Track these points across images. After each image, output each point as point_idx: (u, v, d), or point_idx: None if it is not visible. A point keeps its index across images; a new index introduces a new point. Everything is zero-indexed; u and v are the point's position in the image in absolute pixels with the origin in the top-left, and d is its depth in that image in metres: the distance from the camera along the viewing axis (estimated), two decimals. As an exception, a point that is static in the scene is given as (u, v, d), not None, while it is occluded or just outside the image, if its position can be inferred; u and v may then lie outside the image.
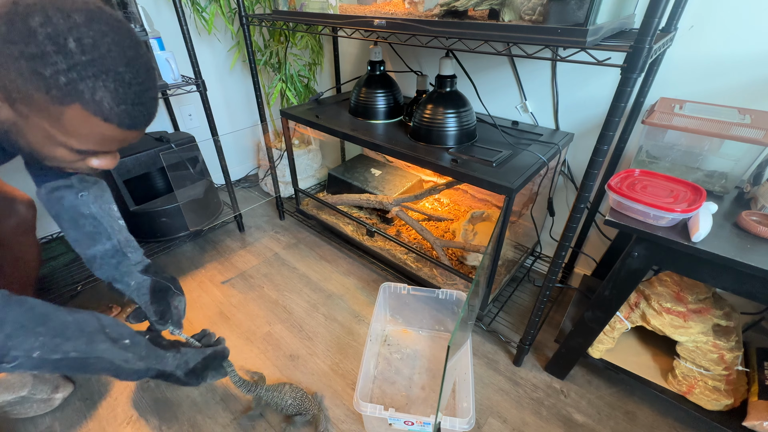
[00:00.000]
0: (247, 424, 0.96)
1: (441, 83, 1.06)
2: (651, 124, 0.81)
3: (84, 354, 0.65)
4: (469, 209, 1.54)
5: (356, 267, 1.51)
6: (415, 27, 0.86)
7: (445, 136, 1.06)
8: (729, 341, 0.84)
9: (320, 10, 1.14)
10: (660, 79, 0.97)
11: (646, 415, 0.99)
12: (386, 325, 1.23)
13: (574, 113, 1.15)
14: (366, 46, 1.59)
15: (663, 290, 0.91)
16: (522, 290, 1.39)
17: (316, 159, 1.91)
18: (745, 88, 0.87)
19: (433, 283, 1.26)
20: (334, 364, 1.13)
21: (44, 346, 0.61)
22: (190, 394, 1.05)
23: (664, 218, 0.71)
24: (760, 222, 0.70)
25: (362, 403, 0.83)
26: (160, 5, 1.52)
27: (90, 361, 0.66)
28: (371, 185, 1.55)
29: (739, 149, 0.77)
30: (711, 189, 0.83)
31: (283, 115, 1.42)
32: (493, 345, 1.19)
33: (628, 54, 0.60)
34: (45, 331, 0.61)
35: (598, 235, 1.27)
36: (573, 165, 1.22)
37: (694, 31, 0.89)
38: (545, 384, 1.07)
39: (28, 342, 0.59)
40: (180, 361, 0.81)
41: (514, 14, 0.78)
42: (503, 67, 1.22)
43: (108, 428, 0.97)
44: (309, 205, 1.70)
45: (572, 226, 0.81)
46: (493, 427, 0.97)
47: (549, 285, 0.92)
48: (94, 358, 0.67)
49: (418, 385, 1.06)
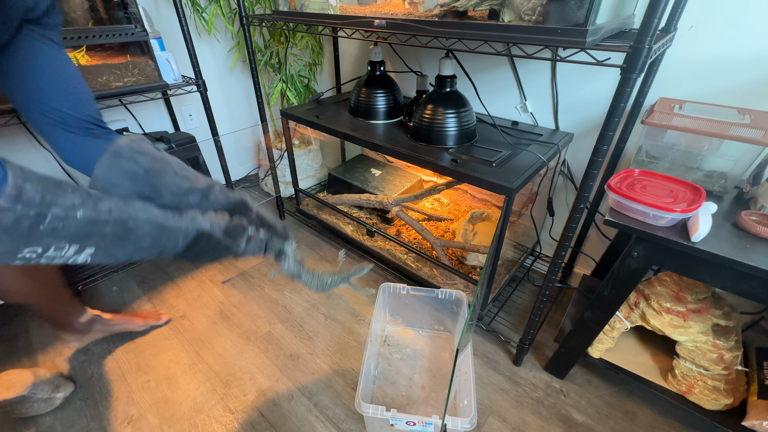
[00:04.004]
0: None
1: (441, 83, 1.06)
2: (650, 124, 0.81)
3: (126, 214, 0.56)
4: (469, 209, 1.54)
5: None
6: (415, 27, 0.86)
7: (445, 136, 1.07)
8: (728, 341, 0.84)
9: (320, 11, 1.14)
10: (660, 80, 0.97)
11: (645, 414, 0.99)
12: (386, 325, 1.23)
13: (574, 113, 1.15)
14: (366, 47, 1.59)
15: (662, 290, 0.91)
16: (522, 290, 1.39)
17: (316, 159, 1.91)
18: (744, 88, 0.88)
19: (433, 282, 1.26)
20: (334, 363, 1.13)
21: (85, 203, 0.52)
22: (190, 394, 1.05)
23: (664, 218, 0.71)
24: (760, 222, 0.70)
25: (364, 404, 0.83)
26: (160, 5, 1.52)
27: (132, 225, 0.57)
28: (371, 185, 1.55)
29: (739, 149, 0.77)
30: (710, 189, 0.83)
31: (283, 115, 1.42)
32: (492, 345, 1.19)
33: (628, 54, 0.61)
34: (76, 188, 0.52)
35: (598, 235, 1.27)
36: (573, 165, 1.22)
37: (693, 32, 0.89)
38: (545, 383, 1.07)
39: (66, 196, 0.50)
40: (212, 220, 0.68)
41: (513, 14, 0.78)
42: (503, 67, 1.22)
43: (108, 428, 0.97)
44: (309, 205, 1.70)
45: (572, 226, 0.81)
46: (493, 427, 0.97)
47: (549, 285, 0.93)
48: (137, 221, 0.57)
49: (418, 384, 1.06)
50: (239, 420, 0.99)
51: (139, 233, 0.58)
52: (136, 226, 0.57)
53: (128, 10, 1.15)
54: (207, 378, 1.09)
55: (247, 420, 0.99)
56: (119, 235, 0.55)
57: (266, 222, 0.77)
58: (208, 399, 1.04)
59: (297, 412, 1.01)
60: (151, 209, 0.60)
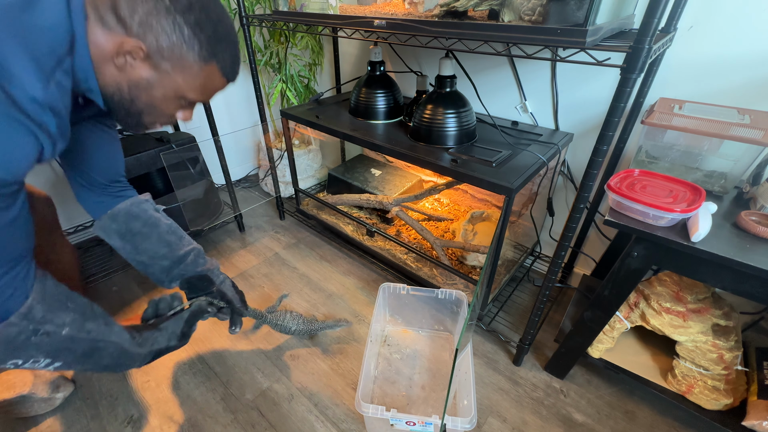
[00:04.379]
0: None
1: (441, 83, 1.06)
2: (650, 125, 0.81)
3: (100, 336, 0.66)
4: (469, 209, 1.54)
5: (356, 267, 1.51)
6: (414, 27, 0.86)
7: (445, 136, 1.07)
8: (728, 341, 0.84)
9: (320, 11, 1.14)
10: (659, 80, 0.97)
11: (645, 414, 0.99)
12: (386, 325, 1.23)
13: (574, 113, 1.15)
14: (366, 47, 1.59)
15: (662, 290, 0.91)
16: (522, 290, 1.39)
17: (316, 159, 1.91)
18: (744, 89, 0.88)
19: (433, 282, 1.26)
20: (334, 363, 1.13)
21: (74, 322, 0.62)
22: (190, 394, 1.05)
23: (664, 218, 0.71)
24: (760, 222, 0.70)
25: (364, 405, 0.83)
26: (160, 5, 1.52)
27: (101, 345, 0.66)
28: (371, 185, 1.55)
29: (739, 149, 0.77)
30: (710, 189, 0.83)
31: (283, 115, 1.42)
32: (492, 344, 1.19)
33: (628, 54, 0.61)
34: (74, 307, 0.63)
35: (598, 235, 1.27)
36: (573, 165, 1.22)
37: (693, 32, 0.89)
38: (545, 383, 1.07)
39: (61, 316, 0.60)
40: (168, 334, 0.81)
41: (513, 15, 0.78)
42: (503, 67, 1.22)
43: (108, 428, 0.97)
44: (309, 205, 1.70)
45: (572, 226, 0.81)
46: (493, 427, 0.97)
47: (549, 285, 0.93)
48: (107, 342, 0.67)
49: (418, 384, 1.06)
50: (239, 420, 0.99)
51: (103, 353, 0.67)
52: (104, 346, 0.67)
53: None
54: (207, 378, 1.09)
55: (247, 420, 0.99)
56: (87, 353, 0.65)
57: (226, 297, 0.91)
58: (208, 399, 1.04)
59: (297, 412, 1.01)
60: (123, 334, 0.71)
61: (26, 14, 0.47)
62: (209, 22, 0.55)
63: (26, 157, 0.48)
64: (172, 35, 0.53)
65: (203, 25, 0.55)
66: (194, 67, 0.57)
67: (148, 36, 0.53)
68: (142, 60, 0.55)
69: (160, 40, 0.53)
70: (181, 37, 0.54)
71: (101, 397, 1.04)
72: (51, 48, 0.49)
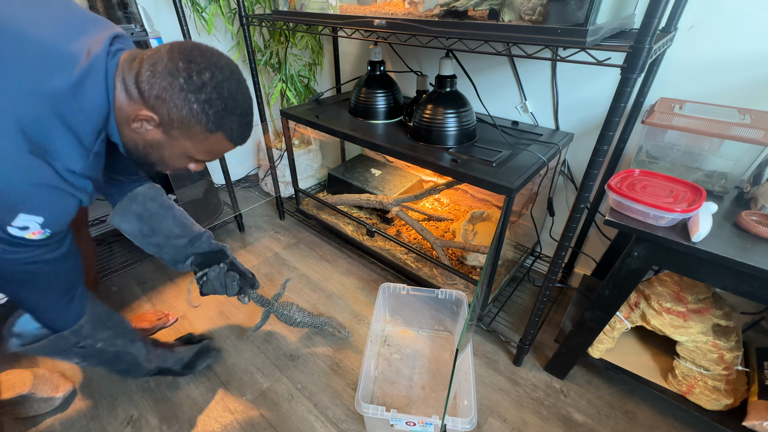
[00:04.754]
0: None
1: (441, 83, 1.06)
2: (651, 124, 0.81)
3: (123, 348, 0.83)
4: (469, 209, 1.54)
5: (356, 267, 1.51)
6: (415, 27, 0.86)
7: (445, 136, 1.07)
8: (729, 341, 0.84)
9: (320, 10, 1.14)
10: (660, 79, 0.97)
11: (645, 414, 0.99)
12: (386, 325, 1.23)
13: (574, 113, 1.15)
14: (366, 46, 1.59)
15: (663, 290, 0.91)
16: (522, 290, 1.39)
17: (316, 159, 1.91)
18: (745, 88, 0.87)
19: (433, 283, 1.26)
20: (334, 364, 1.13)
21: (108, 338, 0.79)
22: (190, 394, 1.05)
23: (664, 218, 0.71)
24: (760, 222, 0.70)
25: (364, 405, 0.83)
26: (160, 5, 1.52)
27: (122, 355, 0.84)
28: (371, 185, 1.55)
29: (739, 149, 0.77)
30: (711, 189, 0.83)
31: (283, 115, 1.42)
32: (493, 345, 1.19)
33: (628, 54, 0.60)
34: (111, 325, 0.80)
35: (598, 235, 1.27)
36: (573, 165, 1.22)
37: (694, 31, 0.89)
38: (545, 384, 1.07)
39: (101, 333, 0.78)
40: (176, 358, 0.97)
41: (514, 14, 0.78)
42: (503, 67, 1.22)
43: (108, 428, 0.97)
44: (309, 205, 1.70)
45: (572, 226, 0.81)
46: (493, 427, 0.97)
47: (549, 285, 0.93)
48: (127, 353, 0.84)
49: (418, 385, 1.06)
50: (239, 420, 0.99)
51: (122, 361, 0.84)
52: (124, 357, 0.84)
53: (128, 10, 1.15)
54: (207, 378, 1.09)
55: (247, 420, 0.99)
56: (110, 360, 0.82)
57: (238, 269, 0.98)
58: (208, 399, 1.04)
59: (297, 412, 1.01)
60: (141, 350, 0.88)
61: (74, 101, 0.56)
62: (220, 99, 0.60)
63: (70, 213, 0.61)
64: (182, 110, 0.59)
65: (213, 102, 0.60)
66: (201, 136, 0.63)
67: (161, 108, 0.59)
68: (154, 126, 0.62)
69: (172, 112, 0.59)
70: (190, 112, 0.59)
71: (101, 397, 1.04)
72: (93, 127, 0.59)
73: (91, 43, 0.58)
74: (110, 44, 0.61)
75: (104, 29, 0.62)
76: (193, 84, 0.58)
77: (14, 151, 0.52)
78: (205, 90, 0.59)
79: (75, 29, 0.59)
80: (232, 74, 0.62)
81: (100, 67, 0.58)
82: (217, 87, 0.60)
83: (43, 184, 0.55)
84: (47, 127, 0.54)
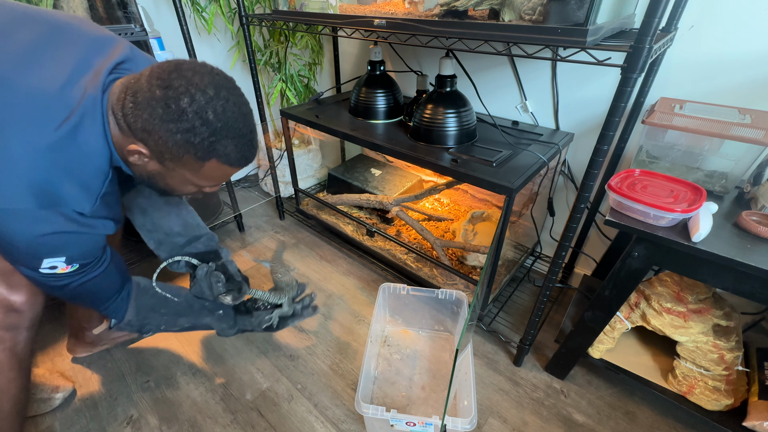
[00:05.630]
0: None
1: (441, 83, 1.06)
2: (651, 124, 0.81)
3: (193, 324, 0.92)
4: (469, 209, 1.54)
5: (356, 267, 1.51)
6: (415, 27, 0.86)
7: (445, 136, 1.06)
8: (729, 341, 0.84)
9: (320, 10, 1.14)
10: (660, 79, 0.97)
11: (646, 415, 0.99)
12: (386, 325, 1.23)
13: (575, 113, 1.15)
14: (366, 46, 1.59)
15: (663, 290, 0.91)
16: (522, 290, 1.38)
17: (316, 159, 1.91)
18: (745, 88, 0.87)
19: (433, 283, 1.26)
20: (334, 364, 1.13)
21: (167, 322, 0.89)
22: (190, 394, 1.05)
23: (664, 218, 0.71)
24: (760, 222, 0.70)
25: (364, 405, 0.83)
26: (160, 5, 1.52)
27: (198, 326, 0.94)
28: (371, 185, 1.54)
29: (739, 149, 0.77)
30: (711, 189, 0.83)
31: (283, 115, 1.42)
32: (493, 345, 1.19)
33: (628, 54, 0.60)
34: (166, 311, 0.88)
35: (598, 235, 1.27)
36: (573, 165, 1.22)
37: (694, 31, 0.89)
38: (545, 384, 1.07)
39: (155, 319, 0.87)
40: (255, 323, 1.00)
41: (514, 14, 0.78)
42: (503, 67, 1.22)
43: (108, 428, 0.97)
44: (309, 205, 1.70)
45: (572, 226, 0.81)
46: (493, 427, 0.97)
47: (549, 285, 0.92)
48: (201, 325, 0.94)
49: (418, 385, 1.06)
50: (239, 420, 0.99)
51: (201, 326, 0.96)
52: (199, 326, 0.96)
53: (128, 10, 1.15)
54: (207, 378, 1.09)
55: (247, 420, 0.99)
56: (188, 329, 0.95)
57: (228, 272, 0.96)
58: (208, 399, 1.04)
59: (297, 412, 1.01)
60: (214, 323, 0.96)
61: (73, 148, 0.56)
62: (204, 125, 0.56)
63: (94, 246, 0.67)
64: (167, 141, 0.57)
65: (196, 130, 0.56)
66: (194, 165, 0.61)
67: (149, 141, 0.58)
68: (149, 158, 0.61)
69: (159, 144, 0.58)
70: (175, 143, 0.57)
71: (101, 397, 1.04)
72: (97, 170, 0.60)
73: (89, 81, 0.57)
74: (109, 74, 0.60)
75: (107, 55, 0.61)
76: (171, 113, 0.55)
77: (26, 210, 0.54)
78: (185, 118, 0.55)
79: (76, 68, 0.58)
80: (218, 94, 0.57)
81: (95, 107, 0.57)
82: (199, 112, 0.55)
83: (56, 233, 0.58)
84: (51, 181, 0.55)
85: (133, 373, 1.10)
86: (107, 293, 0.78)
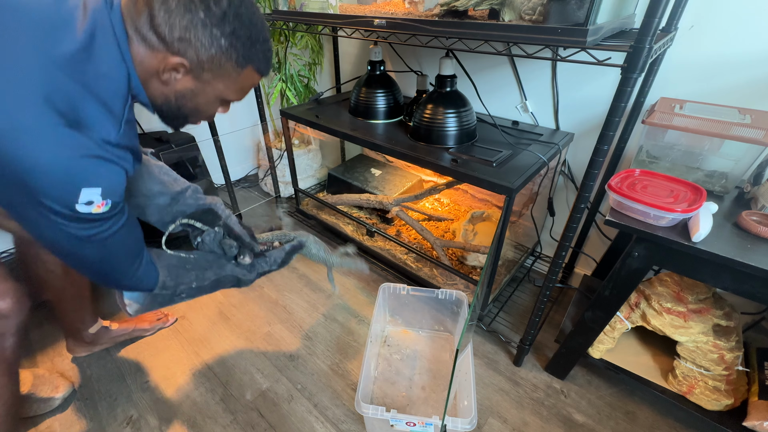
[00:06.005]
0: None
1: (441, 83, 1.06)
2: (651, 124, 0.81)
3: (219, 275, 0.85)
4: (469, 209, 1.54)
5: (356, 267, 1.51)
6: (415, 27, 0.86)
7: (445, 136, 1.06)
8: (729, 341, 0.84)
9: (320, 10, 1.14)
10: (660, 79, 0.97)
11: (646, 415, 0.99)
12: (386, 325, 1.23)
13: (575, 113, 1.15)
14: (366, 46, 1.59)
15: (663, 290, 0.91)
16: (522, 290, 1.38)
17: (316, 159, 1.91)
18: (745, 88, 0.87)
19: (433, 283, 1.26)
20: (334, 364, 1.13)
21: (197, 277, 0.81)
22: (190, 394, 1.05)
23: (665, 218, 0.71)
24: (761, 222, 0.70)
25: (364, 405, 0.83)
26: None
27: (222, 279, 0.85)
28: (371, 185, 1.54)
29: (740, 149, 0.77)
30: (711, 189, 0.83)
31: (283, 115, 1.42)
32: (493, 345, 1.19)
33: (629, 54, 0.60)
34: (192, 266, 0.82)
35: (599, 235, 1.27)
36: (573, 165, 1.22)
37: (694, 31, 0.89)
38: (545, 384, 1.07)
39: (187, 276, 0.80)
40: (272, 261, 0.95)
41: (514, 14, 0.78)
42: (503, 67, 1.22)
43: (108, 428, 0.97)
44: (309, 205, 1.70)
45: (572, 226, 0.81)
46: (493, 427, 0.97)
47: (549, 285, 0.92)
48: (225, 276, 0.86)
49: (418, 385, 1.06)
50: (239, 420, 0.99)
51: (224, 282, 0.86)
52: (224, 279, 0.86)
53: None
54: (206, 378, 1.09)
55: (247, 420, 0.99)
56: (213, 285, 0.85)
57: (234, 233, 0.90)
58: (208, 399, 1.04)
59: (297, 412, 1.01)
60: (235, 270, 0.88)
61: (90, 66, 0.50)
62: (243, 28, 0.55)
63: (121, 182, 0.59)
64: (210, 48, 0.54)
65: (238, 33, 0.55)
66: (233, 73, 0.59)
67: (188, 51, 0.54)
68: (185, 74, 0.57)
69: (200, 54, 0.54)
70: (220, 49, 0.55)
71: (100, 397, 1.04)
72: (117, 92, 0.54)
73: None
74: None
75: None
76: (214, 16, 0.52)
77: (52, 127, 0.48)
78: (227, 20, 0.53)
79: None
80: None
81: (104, 21, 0.51)
82: (238, 15, 0.54)
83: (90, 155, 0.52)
84: (74, 97, 0.49)
85: (132, 373, 1.10)
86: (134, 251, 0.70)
